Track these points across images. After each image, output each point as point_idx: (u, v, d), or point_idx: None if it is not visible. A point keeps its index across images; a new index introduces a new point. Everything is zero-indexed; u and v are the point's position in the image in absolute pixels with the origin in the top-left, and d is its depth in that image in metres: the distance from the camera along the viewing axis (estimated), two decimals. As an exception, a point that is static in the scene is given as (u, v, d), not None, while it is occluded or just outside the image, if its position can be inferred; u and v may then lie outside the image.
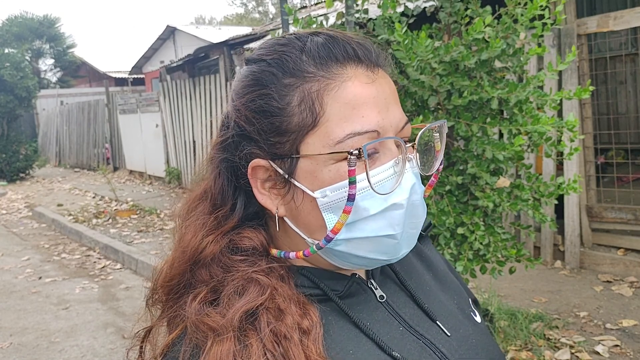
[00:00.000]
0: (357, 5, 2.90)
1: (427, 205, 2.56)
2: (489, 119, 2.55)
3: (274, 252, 0.71)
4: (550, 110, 2.65)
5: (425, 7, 2.97)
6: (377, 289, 0.74)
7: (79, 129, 15.45)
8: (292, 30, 0.77)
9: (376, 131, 0.64)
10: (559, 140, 2.55)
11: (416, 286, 0.79)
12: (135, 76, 19.69)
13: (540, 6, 2.34)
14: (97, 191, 10.69)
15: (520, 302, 3.90)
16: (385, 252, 0.68)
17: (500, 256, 2.66)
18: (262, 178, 0.69)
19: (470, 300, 0.87)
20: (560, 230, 4.62)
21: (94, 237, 6.78)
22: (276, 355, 0.60)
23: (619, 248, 4.51)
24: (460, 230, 2.56)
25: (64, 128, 16.44)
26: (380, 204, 0.65)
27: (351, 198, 0.63)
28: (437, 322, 0.75)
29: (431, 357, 0.70)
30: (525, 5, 2.41)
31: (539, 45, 2.53)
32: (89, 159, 15.02)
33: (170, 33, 17.30)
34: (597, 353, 3.16)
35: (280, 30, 4.45)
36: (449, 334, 0.74)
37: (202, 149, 9.24)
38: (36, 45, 22.17)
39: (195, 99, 9.46)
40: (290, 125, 0.66)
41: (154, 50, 18.05)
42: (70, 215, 8.25)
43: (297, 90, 0.66)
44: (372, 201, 0.64)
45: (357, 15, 2.88)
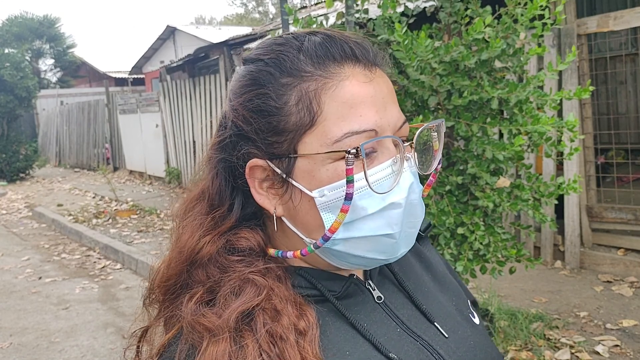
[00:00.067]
0: (357, 5, 2.90)
1: (427, 205, 2.57)
2: (489, 119, 2.55)
3: (272, 251, 0.71)
4: (550, 110, 2.65)
5: (425, 7, 2.97)
6: (374, 289, 0.74)
7: (79, 129, 15.45)
8: (292, 30, 0.76)
9: (374, 130, 0.64)
10: (559, 140, 2.55)
11: (414, 287, 0.78)
12: (135, 76, 19.70)
13: (540, 6, 2.34)
14: (97, 191, 10.69)
15: (521, 302, 3.90)
16: (384, 252, 0.67)
17: (500, 256, 2.66)
18: (259, 178, 0.69)
19: (469, 301, 0.87)
20: (561, 231, 4.61)
21: (94, 237, 6.78)
22: (272, 356, 0.59)
23: (619, 248, 4.51)
24: (460, 230, 2.56)
25: (64, 128, 16.44)
26: (379, 203, 0.64)
27: (349, 197, 0.62)
28: (435, 323, 0.74)
29: (428, 358, 0.70)
30: (525, 5, 2.41)
31: (539, 45, 2.53)
32: (89, 159, 15.02)
33: (170, 33, 17.30)
34: (597, 353, 3.16)
35: (280, 30, 4.45)
36: (446, 336, 0.74)
37: (202, 149, 9.08)
38: (36, 45, 22.17)
39: (195, 99, 9.46)
40: (287, 125, 0.66)
41: (154, 50, 18.05)
42: (70, 215, 8.25)
43: (295, 90, 0.65)
44: (370, 200, 0.64)
45: (357, 15, 2.88)
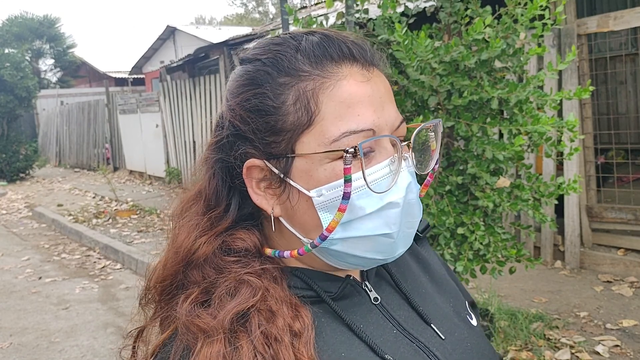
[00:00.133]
0: (357, 5, 2.90)
1: (427, 205, 2.57)
2: (489, 119, 2.55)
3: (268, 251, 0.71)
4: (550, 110, 2.65)
5: (425, 7, 2.97)
6: (371, 290, 0.74)
7: (79, 129, 15.45)
8: (292, 30, 0.76)
9: (372, 130, 0.64)
10: (559, 140, 2.55)
11: (411, 288, 0.78)
12: (135, 76, 19.70)
13: (540, 6, 2.34)
14: (97, 191, 10.69)
15: (521, 302, 3.90)
16: (382, 252, 0.67)
17: (500, 256, 2.66)
18: (257, 178, 0.69)
19: (467, 302, 0.86)
20: (561, 231, 4.61)
21: (94, 237, 6.78)
22: (266, 358, 0.59)
23: (619, 248, 4.51)
24: (460, 230, 2.56)
25: (64, 128, 16.44)
26: (376, 202, 0.64)
27: (346, 196, 0.62)
28: (432, 325, 0.74)
29: None
30: (526, 5, 2.41)
31: (539, 45, 2.53)
32: (89, 159, 15.02)
33: (170, 33, 17.30)
34: (597, 353, 3.16)
35: (280, 30, 4.45)
36: (443, 337, 0.73)
37: (202, 149, 9.19)
38: (36, 45, 22.17)
39: (195, 99, 9.46)
40: (285, 124, 0.65)
41: (154, 50, 18.05)
42: (70, 215, 8.25)
43: (292, 89, 0.65)
44: (368, 200, 0.64)
45: (357, 15, 2.88)
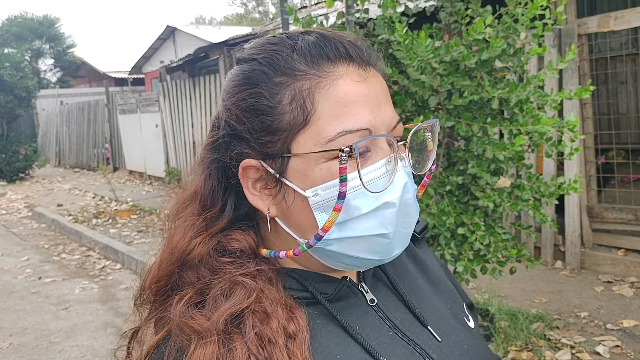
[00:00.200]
0: (357, 5, 2.90)
1: (427, 206, 2.57)
2: (490, 119, 2.55)
3: (264, 252, 0.70)
4: (550, 110, 2.65)
5: (425, 7, 2.97)
6: (367, 292, 0.73)
7: (79, 129, 15.45)
8: (293, 30, 0.76)
9: (368, 129, 0.64)
10: (560, 141, 2.55)
11: (408, 290, 0.77)
12: (135, 76, 19.69)
13: (541, 6, 2.34)
14: (97, 191, 10.69)
15: (521, 302, 3.90)
16: (378, 252, 0.67)
17: (500, 256, 2.66)
18: (253, 178, 0.68)
19: (465, 304, 0.86)
20: (561, 231, 4.61)
21: (94, 237, 6.77)
22: (260, 359, 0.59)
23: (619, 248, 4.51)
24: (460, 231, 2.56)
25: (64, 128, 16.43)
26: (372, 202, 0.64)
27: (342, 196, 0.62)
28: (428, 327, 0.74)
29: None
30: (526, 5, 2.41)
31: (540, 45, 2.52)
32: (89, 159, 15.01)
33: (170, 33, 17.29)
34: (598, 353, 3.16)
35: (281, 30, 4.45)
36: (439, 340, 0.73)
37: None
38: (36, 45, 22.17)
39: (195, 99, 9.46)
40: (281, 124, 0.65)
41: (153, 50, 18.04)
42: (70, 215, 8.25)
43: (288, 89, 0.65)
44: (364, 200, 0.64)
45: (357, 15, 2.88)
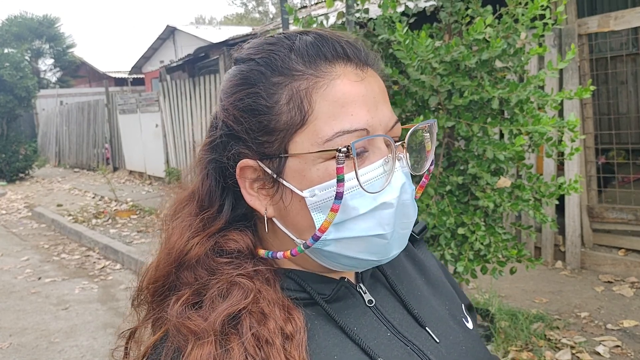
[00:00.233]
0: (357, 4, 2.89)
1: (427, 206, 2.57)
2: (490, 119, 2.55)
3: (262, 252, 0.70)
4: (551, 110, 2.65)
5: (425, 7, 2.96)
6: (365, 293, 0.73)
7: (79, 129, 15.45)
8: (293, 30, 0.76)
9: (365, 129, 0.63)
10: (560, 141, 2.55)
11: (407, 291, 0.77)
12: (135, 76, 19.69)
13: (541, 6, 2.33)
14: (96, 191, 10.69)
15: (521, 302, 3.90)
16: (376, 253, 0.66)
17: (501, 256, 2.65)
18: (250, 178, 0.68)
19: (464, 305, 0.85)
20: (561, 231, 4.61)
21: (94, 238, 6.77)
22: None
23: (619, 248, 4.51)
24: (460, 231, 2.56)
25: (64, 128, 16.43)
26: (370, 203, 0.63)
27: (339, 196, 0.62)
28: (427, 328, 0.73)
29: None
30: (526, 5, 2.40)
31: (540, 45, 2.52)
32: (89, 159, 15.01)
33: (170, 33, 17.29)
34: (598, 353, 3.15)
35: (281, 30, 4.44)
36: (437, 341, 0.73)
37: (202, 149, 9.25)
38: (36, 45, 22.17)
39: (195, 99, 9.45)
40: (278, 124, 0.65)
41: (153, 50, 18.04)
42: (70, 215, 8.25)
43: (286, 89, 0.65)
44: (362, 200, 0.63)
45: (357, 14, 2.88)
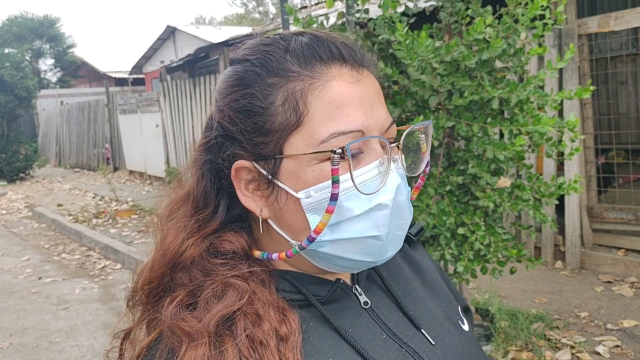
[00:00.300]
0: (357, 5, 2.90)
1: (427, 206, 2.57)
2: (490, 119, 2.55)
3: (257, 254, 0.70)
4: (551, 111, 2.65)
5: (424, 7, 2.97)
6: (361, 294, 0.73)
7: (79, 129, 15.45)
8: (292, 30, 0.76)
9: (360, 131, 0.63)
10: (560, 141, 2.55)
11: (403, 292, 0.77)
12: (135, 76, 19.69)
13: (541, 6, 2.34)
14: (97, 191, 10.69)
15: (521, 302, 3.90)
16: (371, 254, 0.67)
17: (500, 256, 2.66)
18: (245, 179, 0.68)
19: (460, 307, 0.85)
20: (561, 231, 4.61)
21: (94, 237, 6.77)
22: None
23: (619, 248, 4.51)
24: (460, 231, 2.56)
25: (64, 128, 16.43)
26: (365, 204, 0.64)
27: (334, 197, 0.62)
28: (422, 330, 0.73)
29: None
30: (526, 5, 2.41)
31: (540, 45, 2.52)
32: (89, 159, 15.01)
33: (170, 33, 17.30)
34: (598, 353, 3.16)
35: (281, 30, 4.44)
36: (433, 343, 0.73)
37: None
38: (36, 45, 22.17)
39: (195, 99, 9.46)
40: (273, 125, 0.65)
41: (154, 50, 18.05)
42: (70, 215, 8.25)
43: (281, 90, 0.65)
44: (357, 201, 0.63)
45: (357, 15, 2.88)
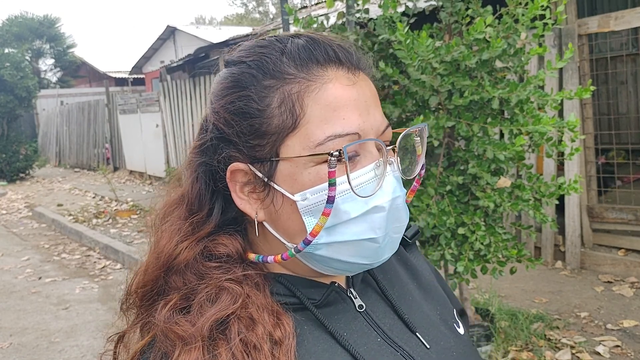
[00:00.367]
0: (357, 5, 2.90)
1: (427, 205, 2.57)
2: (490, 119, 2.55)
3: (252, 257, 0.69)
4: (551, 111, 2.65)
5: (424, 7, 2.97)
6: (356, 298, 0.73)
7: (79, 129, 15.45)
8: (293, 30, 0.76)
9: (357, 133, 0.63)
10: (560, 141, 2.55)
11: (398, 296, 0.77)
12: (135, 76, 19.69)
13: (541, 6, 2.34)
14: (97, 191, 10.69)
15: (521, 302, 3.90)
16: (367, 257, 0.66)
17: (501, 256, 2.66)
18: (241, 182, 0.68)
19: (455, 310, 0.85)
20: (561, 231, 4.61)
21: (94, 237, 6.77)
22: None
23: (619, 248, 4.51)
24: (461, 231, 2.56)
25: (64, 128, 16.43)
26: (361, 206, 0.63)
27: (330, 200, 0.61)
28: (417, 333, 0.73)
29: None
30: (526, 5, 2.41)
31: (540, 45, 2.52)
32: (89, 159, 15.02)
33: (170, 33, 17.30)
34: (598, 353, 3.16)
35: (281, 30, 4.45)
36: (428, 346, 0.72)
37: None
38: (36, 45, 22.17)
39: (195, 99, 9.46)
40: (269, 127, 0.64)
41: (154, 50, 18.05)
42: (70, 215, 8.25)
43: (277, 92, 0.64)
44: (353, 204, 0.63)
45: (357, 15, 2.88)
